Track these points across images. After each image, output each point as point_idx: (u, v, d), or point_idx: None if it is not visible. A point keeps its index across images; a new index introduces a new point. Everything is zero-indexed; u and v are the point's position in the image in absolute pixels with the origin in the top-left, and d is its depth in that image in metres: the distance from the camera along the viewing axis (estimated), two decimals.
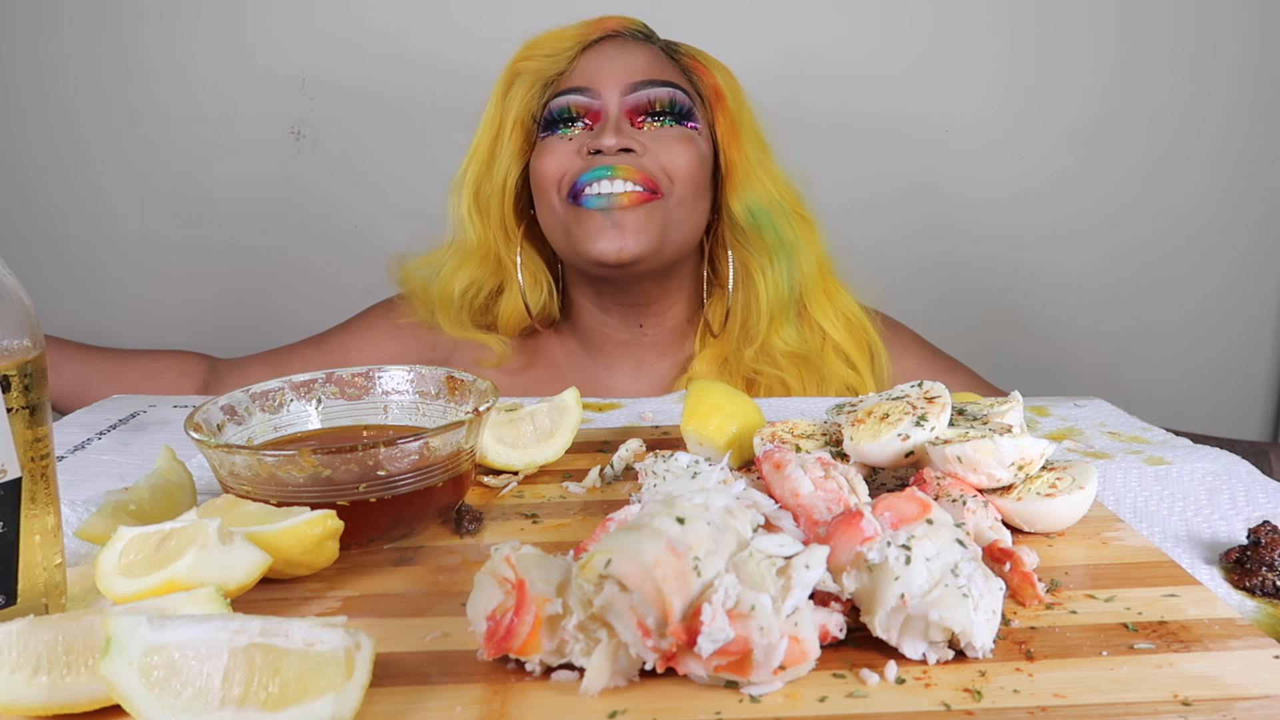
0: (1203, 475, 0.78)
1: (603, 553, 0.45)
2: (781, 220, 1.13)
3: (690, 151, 1.08)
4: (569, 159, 1.07)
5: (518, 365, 1.19)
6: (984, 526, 0.59)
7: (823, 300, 1.16)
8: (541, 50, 1.13)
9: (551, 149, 1.09)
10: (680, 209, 1.08)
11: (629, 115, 1.09)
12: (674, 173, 1.07)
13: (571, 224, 1.07)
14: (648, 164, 1.06)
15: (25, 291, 0.50)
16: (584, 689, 0.45)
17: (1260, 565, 0.59)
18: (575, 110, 1.09)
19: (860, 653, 0.49)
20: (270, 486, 0.60)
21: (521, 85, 1.13)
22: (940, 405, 0.68)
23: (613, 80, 1.08)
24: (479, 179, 1.14)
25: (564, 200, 1.07)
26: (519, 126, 1.13)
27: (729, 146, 1.13)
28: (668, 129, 1.09)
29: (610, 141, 1.04)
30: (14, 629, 0.44)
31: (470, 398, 0.72)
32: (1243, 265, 1.86)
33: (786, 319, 1.13)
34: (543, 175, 1.09)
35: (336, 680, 0.42)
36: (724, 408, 0.79)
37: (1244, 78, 1.77)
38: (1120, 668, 0.47)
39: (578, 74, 1.10)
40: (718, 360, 1.15)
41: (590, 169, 1.05)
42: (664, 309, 1.17)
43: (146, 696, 0.41)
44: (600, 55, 1.11)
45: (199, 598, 0.48)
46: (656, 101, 1.08)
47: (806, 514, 0.58)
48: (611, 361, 1.19)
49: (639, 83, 1.08)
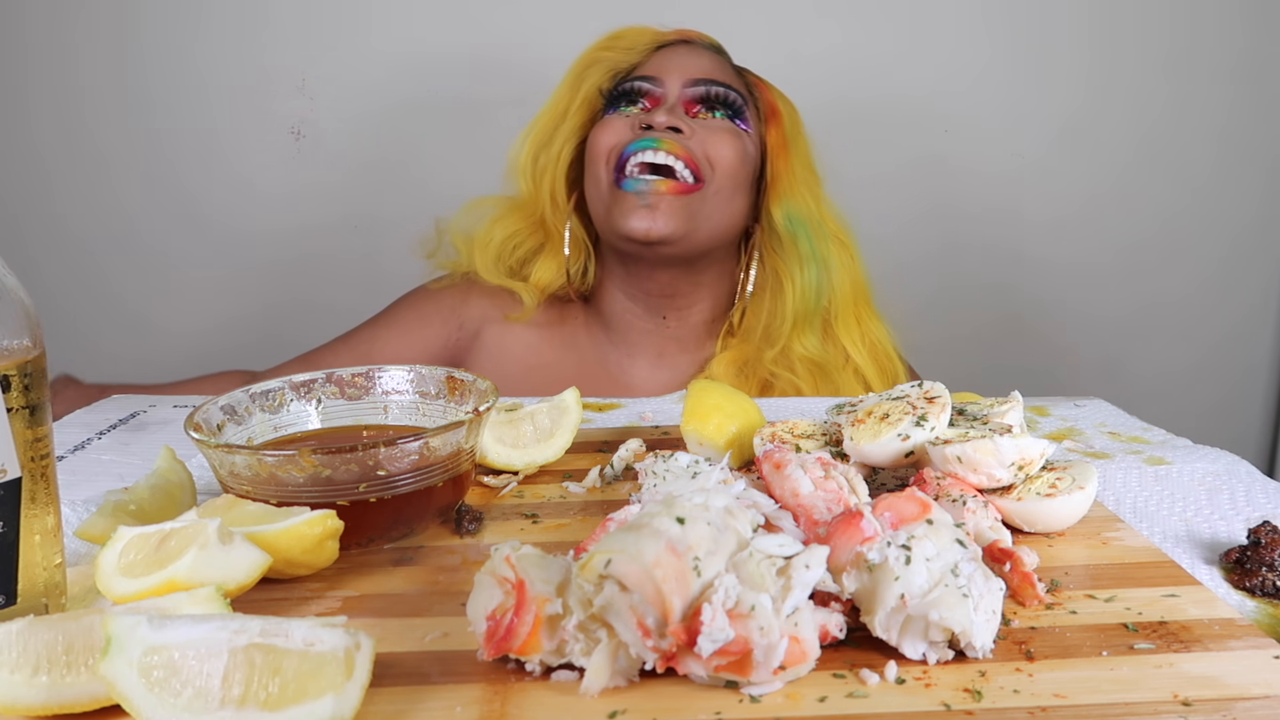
0: (1203, 475, 0.78)
1: (603, 553, 0.45)
2: (817, 234, 1.18)
3: (735, 145, 1.13)
4: (622, 133, 1.13)
5: (543, 320, 1.23)
6: (984, 526, 0.59)
7: (851, 322, 1.19)
8: (620, 43, 1.21)
9: (609, 125, 1.15)
10: (716, 198, 1.13)
11: (685, 105, 1.15)
12: (716, 161, 1.12)
13: (610, 202, 1.12)
14: (693, 146, 1.11)
15: (25, 291, 0.50)
16: (584, 689, 0.45)
17: (1260, 565, 0.59)
18: (637, 92, 1.15)
19: (860, 653, 0.49)
20: (270, 486, 0.60)
21: (595, 72, 1.20)
22: (940, 405, 0.68)
23: (678, 72, 1.15)
24: (539, 147, 1.21)
25: (609, 173, 1.13)
26: (584, 107, 1.20)
27: (777, 157, 1.19)
28: (718, 120, 1.14)
29: (661, 118, 1.10)
30: (14, 629, 0.44)
31: (470, 398, 0.72)
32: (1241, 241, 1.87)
33: (810, 327, 1.17)
34: (596, 147, 1.14)
35: (336, 680, 0.42)
36: (724, 408, 0.79)
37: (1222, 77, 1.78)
38: (1120, 668, 0.47)
39: (650, 64, 1.18)
40: (736, 363, 1.18)
41: (639, 139, 1.10)
42: (689, 304, 1.20)
43: (146, 696, 0.41)
44: (671, 53, 1.18)
45: (199, 598, 0.48)
46: (713, 94, 1.14)
47: (806, 514, 0.58)
48: (632, 349, 1.22)
49: (700, 79, 1.15)
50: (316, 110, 1.73)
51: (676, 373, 1.20)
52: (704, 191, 1.11)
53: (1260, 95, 1.80)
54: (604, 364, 1.21)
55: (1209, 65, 1.78)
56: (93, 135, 1.72)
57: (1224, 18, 1.76)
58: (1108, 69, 1.77)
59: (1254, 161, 1.83)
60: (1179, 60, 1.77)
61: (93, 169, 1.74)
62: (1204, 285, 1.88)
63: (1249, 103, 1.80)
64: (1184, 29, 1.76)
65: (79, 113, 1.71)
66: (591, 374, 1.20)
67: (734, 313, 1.21)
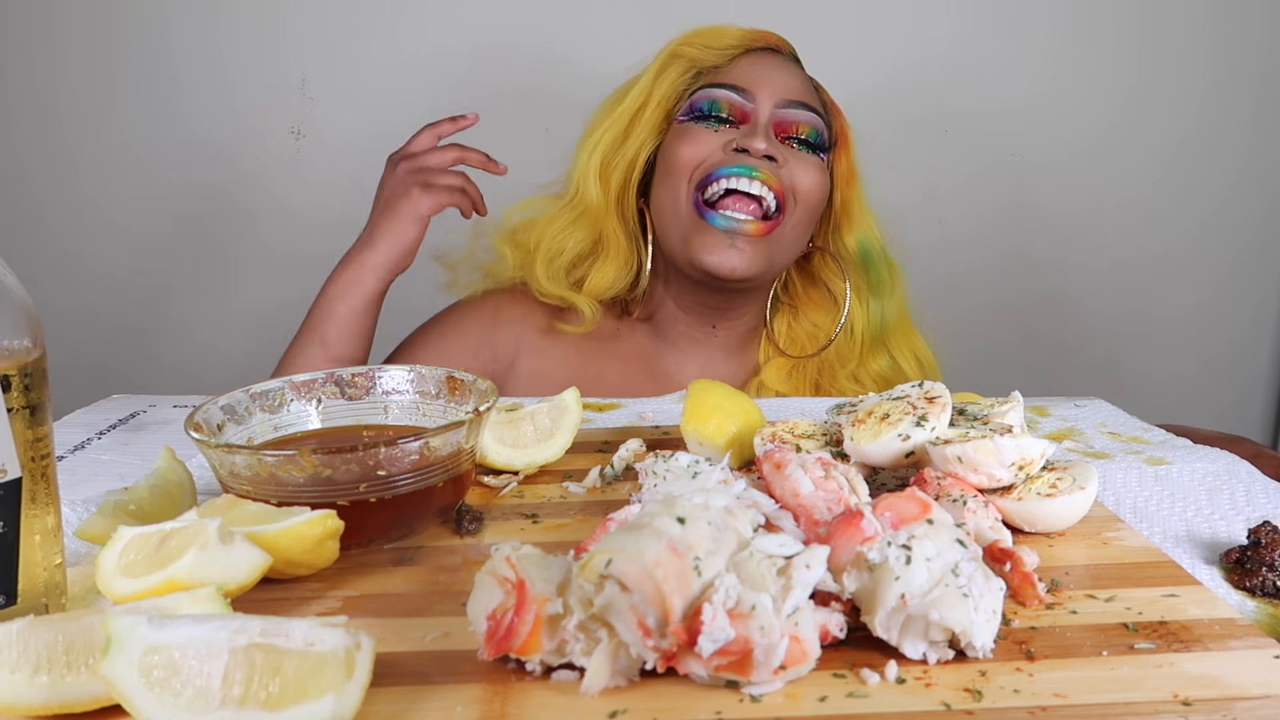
0: (1203, 475, 0.78)
1: (603, 553, 0.45)
2: (882, 260, 1.19)
3: (821, 180, 1.12)
4: (711, 150, 1.09)
5: (597, 343, 1.19)
6: (984, 526, 0.59)
7: (900, 342, 1.21)
8: (704, 40, 1.15)
9: (694, 136, 1.10)
10: (794, 231, 1.12)
11: (775, 127, 1.11)
12: (801, 194, 1.10)
13: (690, 229, 1.09)
14: (784, 176, 1.09)
15: (26, 291, 0.50)
16: (584, 689, 0.45)
17: (1260, 565, 0.59)
18: (726, 106, 1.10)
19: (860, 653, 0.49)
20: (270, 486, 0.60)
21: (676, 68, 1.14)
22: (940, 405, 0.68)
23: (769, 89, 1.11)
24: (611, 147, 1.15)
25: (690, 191, 1.09)
26: (662, 106, 1.14)
27: (845, 185, 1.17)
28: (805, 154, 1.11)
29: (761, 145, 1.06)
30: (14, 629, 0.44)
31: (470, 398, 0.72)
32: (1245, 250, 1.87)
33: (880, 349, 1.19)
34: (679, 159, 1.10)
35: (337, 680, 0.42)
36: (724, 408, 0.79)
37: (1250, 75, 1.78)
38: (1120, 667, 0.47)
39: (737, 72, 1.12)
40: (786, 369, 1.19)
41: (733, 163, 1.07)
42: (739, 315, 1.20)
43: (147, 696, 0.41)
44: (761, 63, 1.13)
45: (199, 597, 0.48)
46: (802, 126, 1.11)
47: (806, 514, 0.58)
48: (680, 356, 1.21)
49: (792, 100, 1.11)
50: (316, 110, 1.73)
51: (723, 377, 1.18)
52: (784, 224, 1.10)
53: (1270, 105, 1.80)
54: (650, 372, 1.19)
55: (1222, 76, 1.78)
56: (92, 136, 1.72)
57: (1246, 27, 1.76)
58: (1121, 76, 1.77)
59: (1261, 171, 1.83)
60: (1192, 71, 1.77)
61: (93, 169, 1.74)
62: (1207, 292, 1.88)
63: (1264, 109, 1.80)
64: (1199, 42, 1.76)
65: (79, 113, 1.71)
66: (636, 382, 1.18)
67: (772, 322, 1.21)
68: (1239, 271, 1.88)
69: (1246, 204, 1.84)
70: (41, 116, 1.71)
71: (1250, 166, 1.82)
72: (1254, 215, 1.85)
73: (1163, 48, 1.77)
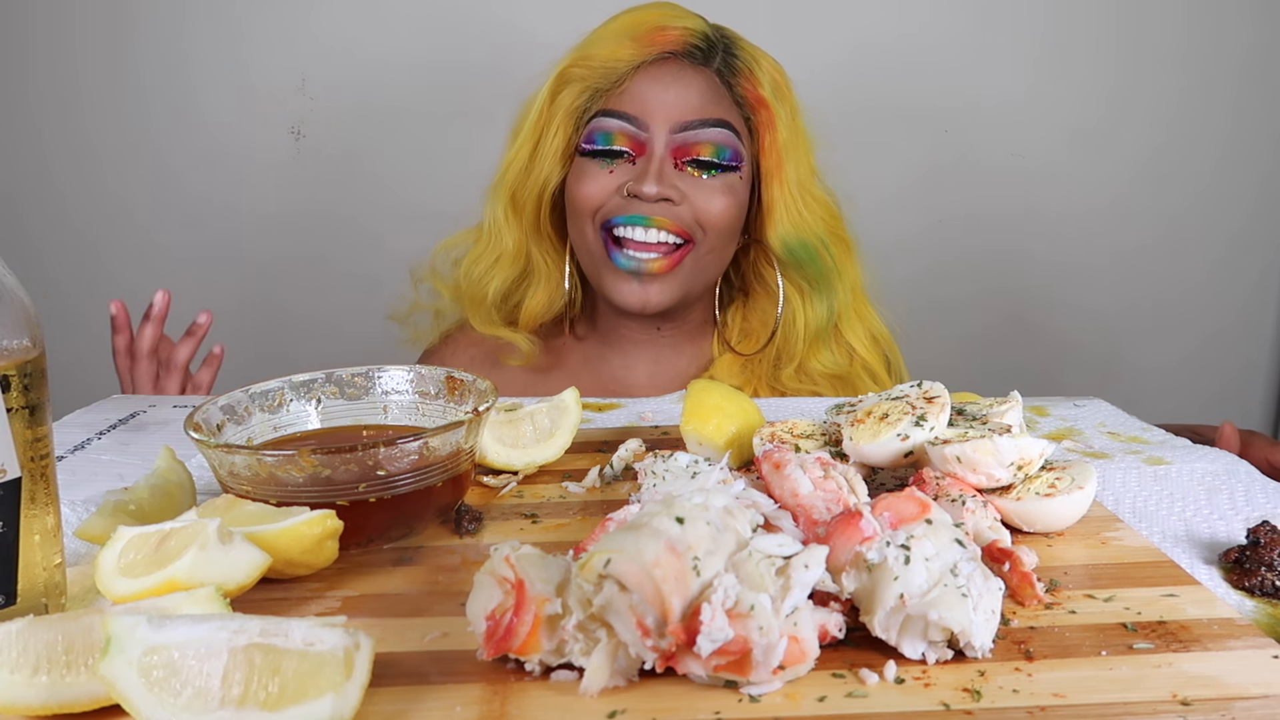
0: (1202, 475, 0.78)
1: (602, 553, 0.45)
2: (821, 251, 1.13)
3: (728, 203, 1.08)
4: (607, 193, 1.07)
5: (542, 364, 1.19)
6: (983, 526, 0.59)
7: (854, 321, 1.18)
8: (593, 61, 1.09)
9: (591, 176, 1.08)
10: (709, 256, 1.11)
11: (674, 154, 1.07)
12: (708, 223, 1.08)
13: (601, 265, 1.09)
14: (683, 213, 1.06)
15: (25, 291, 0.50)
16: (583, 689, 0.45)
17: (1259, 565, 0.59)
18: (619, 138, 1.07)
19: (860, 652, 0.49)
20: (270, 486, 0.60)
21: (569, 93, 1.10)
22: (939, 405, 0.68)
23: (663, 114, 1.06)
24: (517, 181, 1.13)
25: (597, 231, 1.08)
26: (561, 133, 1.11)
27: (771, 180, 1.12)
28: (709, 179, 1.08)
29: (651, 190, 1.04)
30: (14, 629, 0.44)
31: (470, 398, 0.72)
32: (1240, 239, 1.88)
33: (825, 344, 1.16)
34: (579, 201, 1.08)
35: (336, 680, 0.42)
36: (724, 408, 0.79)
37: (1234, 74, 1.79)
38: (1119, 667, 0.47)
39: (629, 97, 1.07)
40: (739, 363, 1.17)
41: (627, 212, 1.05)
42: (683, 316, 1.19)
43: (146, 696, 0.41)
44: (654, 81, 1.07)
45: (199, 598, 0.48)
46: (704, 148, 1.06)
47: (806, 514, 0.58)
48: (628, 359, 1.20)
49: (689, 122, 1.06)
50: (316, 110, 1.73)
51: (675, 373, 1.20)
52: (696, 251, 1.08)
53: (1260, 96, 1.80)
54: (598, 378, 1.19)
55: (1210, 68, 1.78)
56: (92, 135, 1.73)
57: (1227, 23, 1.77)
58: (1111, 73, 1.77)
59: (1252, 160, 1.83)
60: (1181, 63, 1.78)
61: (92, 169, 1.74)
62: (1204, 282, 1.88)
63: (1249, 103, 1.81)
64: (1186, 33, 1.77)
65: (78, 112, 1.71)
66: (585, 392, 1.14)
67: (727, 316, 1.20)
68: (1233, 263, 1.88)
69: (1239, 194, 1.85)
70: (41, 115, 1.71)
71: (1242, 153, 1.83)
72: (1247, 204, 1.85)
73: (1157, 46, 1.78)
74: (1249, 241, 1.87)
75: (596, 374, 1.19)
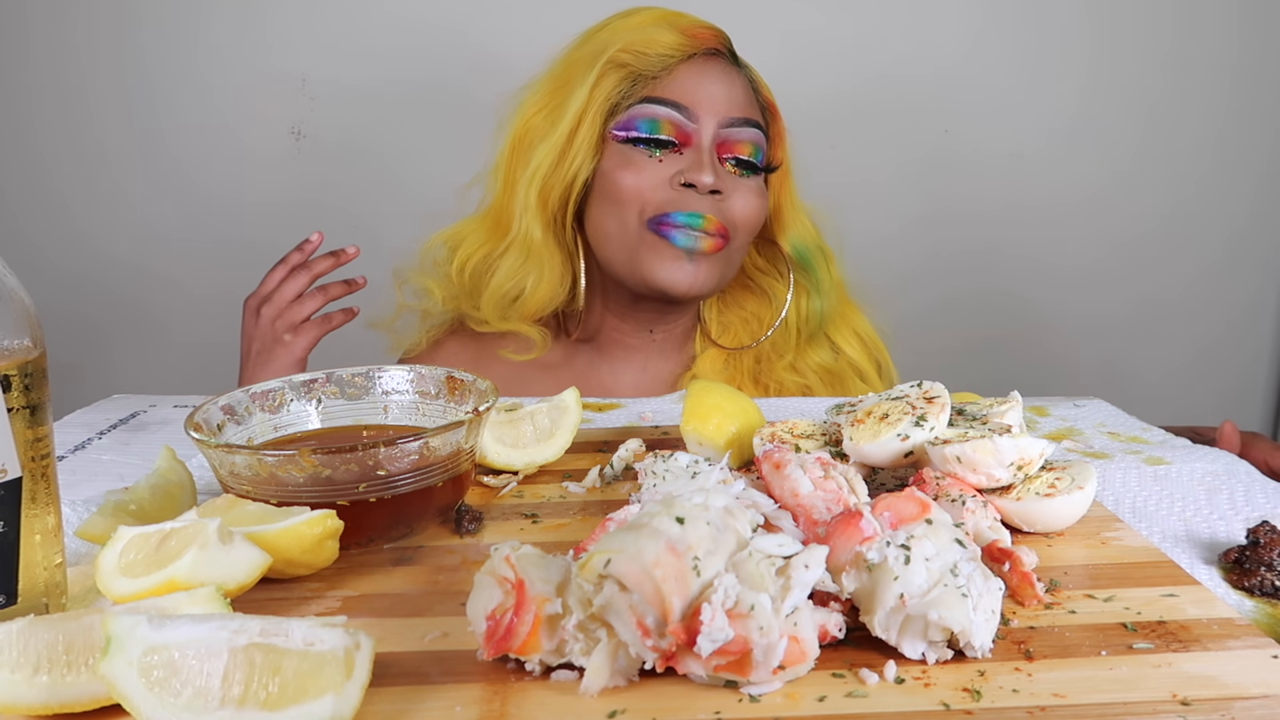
0: (1202, 475, 0.78)
1: (602, 552, 0.45)
2: (818, 259, 1.17)
3: (760, 206, 1.10)
4: (657, 183, 1.05)
5: (530, 366, 1.17)
6: (983, 526, 0.59)
7: (840, 323, 1.20)
8: (640, 45, 1.07)
9: (637, 165, 1.06)
10: (738, 254, 1.12)
11: (718, 149, 1.07)
12: (740, 224, 1.08)
13: (644, 248, 1.06)
14: (726, 209, 1.07)
15: (26, 291, 0.50)
16: (583, 689, 0.45)
17: (1259, 565, 0.60)
18: (668, 127, 1.05)
19: (859, 652, 0.49)
20: (270, 486, 0.60)
21: (612, 79, 1.07)
22: (940, 405, 0.68)
23: (712, 107, 1.06)
24: (550, 170, 1.09)
25: (641, 223, 1.06)
26: (598, 118, 1.08)
27: (780, 187, 1.16)
28: (745, 180, 1.09)
29: (708, 179, 1.03)
30: (14, 629, 0.44)
31: (470, 398, 0.72)
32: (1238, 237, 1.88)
33: (818, 343, 1.18)
34: (623, 190, 1.06)
35: (336, 680, 0.42)
36: (724, 408, 0.79)
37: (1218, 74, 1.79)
38: (1119, 667, 0.47)
39: (677, 86, 1.06)
40: (721, 358, 1.18)
41: (686, 209, 1.04)
42: (678, 318, 1.19)
43: (146, 696, 0.41)
44: (703, 75, 1.07)
45: (199, 597, 0.48)
46: (745, 146, 1.07)
47: (806, 514, 0.58)
48: (616, 363, 1.20)
49: (734, 118, 1.07)
50: (316, 110, 1.73)
51: (661, 378, 1.20)
52: (729, 248, 1.09)
53: (1255, 90, 1.80)
54: (586, 383, 1.17)
55: (1205, 62, 1.79)
56: (92, 135, 1.72)
57: (1222, 16, 1.77)
58: (1105, 67, 1.78)
59: (1249, 157, 1.83)
60: (1174, 57, 1.78)
61: (92, 169, 1.74)
62: (1202, 281, 1.88)
63: (1244, 99, 1.81)
64: (1181, 26, 1.77)
65: (79, 112, 1.71)
66: None
67: (704, 312, 1.20)
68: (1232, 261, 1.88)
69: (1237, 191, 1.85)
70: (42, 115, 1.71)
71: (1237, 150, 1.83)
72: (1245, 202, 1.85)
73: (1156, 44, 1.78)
74: (1249, 241, 1.87)
75: (583, 377, 1.18)
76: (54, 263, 1.76)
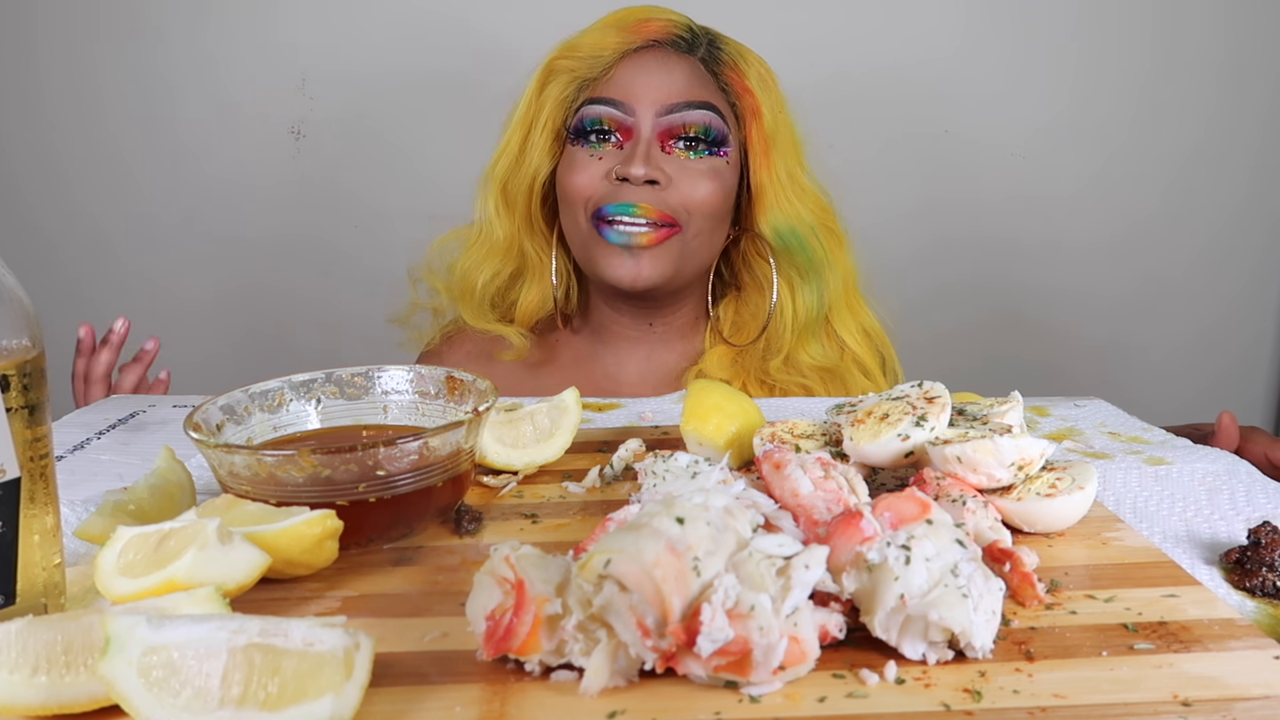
0: (1203, 475, 0.78)
1: (602, 553, 0.45)
2: (811, 240, 1.14)
3: (714, 186, 1.09)
4: (596, 180, 1.08)
5: (535, 359, 1.19)
6: (984, 527, 0.59)
7: (845, 314, 1.18)
8: (580, 51, 1.11)
9: (580, 165, 1.09)
10: (697, 240, 1.10)
11: (660, 138, 1.08)
12: (694, 207, 1.08)
13: (592, 244, 1.09)
14: (669, 197, 1.07)
15: (25, 291, 0.50)
16: (583, 689, 0.45)
17: (1260, 565, 0.59)
18: (607, 123, 1.08)
19: (860, 653, 0.49)
20: (270, 486, 0.60)
21: (557, 84, 1.12)
22: (940, 405, 0.68)
23: (649, 98, 1.07)
24: (507, 173, 1.14)
25: (588, 219, 1.09)
26: (550, 125, 1.12)
27: (759, 167, 1.13)
28: (696, 161, 1.08)
29: (638, 171, 1.04)
30: (13, 629, 0.44)
31: (470, 397, 0.72)
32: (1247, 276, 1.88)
33: (814, 336, 1.16)
34: (569, 190, 1.09)
35: (336, 680, 0.42)
36: (724, 408, 0.79)
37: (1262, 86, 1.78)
38: (1120, 668, 0.47)
39: (615, 84, 1.09)
40: (729, 356, 1.17)
41: (616, 200, 1.06)
42: (675, 309, 1.19)
43: (145, 696, 0.41)
44: (639, 67, 1.09)
45: (198, 598, 0.48)
46: (690, 127, 1.08)
47: (806, 514, 0.58)
48: (620, 355, 1.20)
49: (675, 104, 1.07)
50: (316, 110, 1.73)
51: (665, 370, 1.20)
52: (684, 235, 1.08)
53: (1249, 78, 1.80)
54: (590, 376, 1.19)
55: (1200, 48, 1.78)
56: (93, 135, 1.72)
57: (1216, 3, 1.76)
58: (1100, 53, 1.77)
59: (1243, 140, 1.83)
60: (1170, 42, 1.77)
61: (92, 169, 1.74)
62: (1201, 264, 1.88)
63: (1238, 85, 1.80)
64: (1176, 12, 1.76)
65: (79, 112, 1.71)
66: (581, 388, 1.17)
67: (719, 309, 1.20)
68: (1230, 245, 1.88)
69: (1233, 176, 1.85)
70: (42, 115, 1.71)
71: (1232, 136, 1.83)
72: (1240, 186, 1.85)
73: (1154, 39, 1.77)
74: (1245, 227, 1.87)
75: (588, 370, 1.20)
76: (54, 261, 1.76)
